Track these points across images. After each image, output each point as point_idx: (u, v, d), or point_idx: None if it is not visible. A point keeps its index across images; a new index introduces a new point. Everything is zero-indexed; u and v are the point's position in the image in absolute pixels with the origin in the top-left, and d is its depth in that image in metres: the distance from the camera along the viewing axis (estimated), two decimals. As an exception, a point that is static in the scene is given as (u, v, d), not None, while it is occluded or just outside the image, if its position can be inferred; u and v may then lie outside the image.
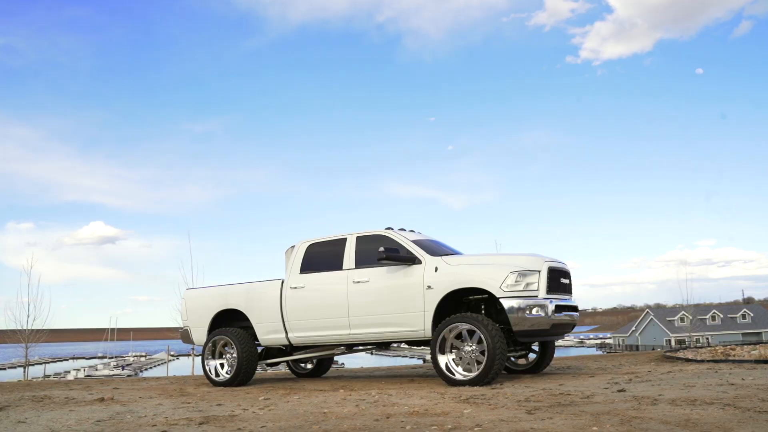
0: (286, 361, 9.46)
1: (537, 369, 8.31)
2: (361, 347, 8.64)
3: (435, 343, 7.04)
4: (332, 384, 8.05)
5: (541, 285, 6.99)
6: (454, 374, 6.92)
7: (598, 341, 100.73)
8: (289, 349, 9.04)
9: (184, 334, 9.36)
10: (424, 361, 26.50)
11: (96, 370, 64.17)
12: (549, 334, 7.19)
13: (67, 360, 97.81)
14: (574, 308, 7.74)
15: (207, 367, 8.73)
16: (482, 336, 6.69)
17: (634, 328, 70.00)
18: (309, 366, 10.33)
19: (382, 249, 7.40)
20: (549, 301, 6.98)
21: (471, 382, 6.72)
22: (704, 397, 4.62)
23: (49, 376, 51.36)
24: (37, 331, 20.02)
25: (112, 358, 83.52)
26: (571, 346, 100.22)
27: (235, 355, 8.41)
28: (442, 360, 7.02)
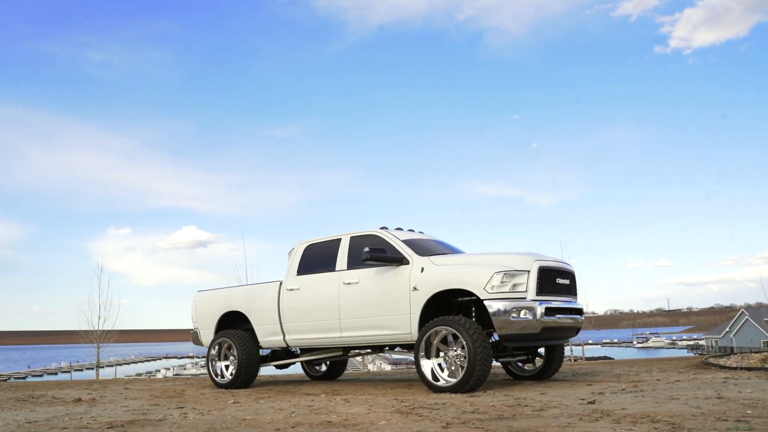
0: (297, 363, 9.39)
1: (543, 375, 7.76)
2: (356, 350, 8.43)
3: (418, 347, 6.72)
4: (328, 387, 7.88)
5: (530, 286, 6.50)
6: (438, 380, 6.58)
7: (691, 342, 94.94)
8: (299, 351, 8.98)
9: (194, 336, 9.49)
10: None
11: (184, 369, 67.59)
12: (540, 338, 6.65)
13: (161, 359, 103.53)
14: (576, 311, 7.15)
15: (213, 369, 8.78)
16: (463, 341, 6.30)
17: (728, 329, 65.30)
18: (323, 368, 10.23)
19: (367, 249, 7.16)
20: (538, 303, 6.46)
21: (452, 389, 6.36)
22: (665, 413, 4.04)
23: (140, 374, 54.50)
24: (108, 332, 20.99)
25: (200, 357, 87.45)
26: (662, 348, 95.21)
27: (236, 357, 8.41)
28: (428, 365, 6.68)
